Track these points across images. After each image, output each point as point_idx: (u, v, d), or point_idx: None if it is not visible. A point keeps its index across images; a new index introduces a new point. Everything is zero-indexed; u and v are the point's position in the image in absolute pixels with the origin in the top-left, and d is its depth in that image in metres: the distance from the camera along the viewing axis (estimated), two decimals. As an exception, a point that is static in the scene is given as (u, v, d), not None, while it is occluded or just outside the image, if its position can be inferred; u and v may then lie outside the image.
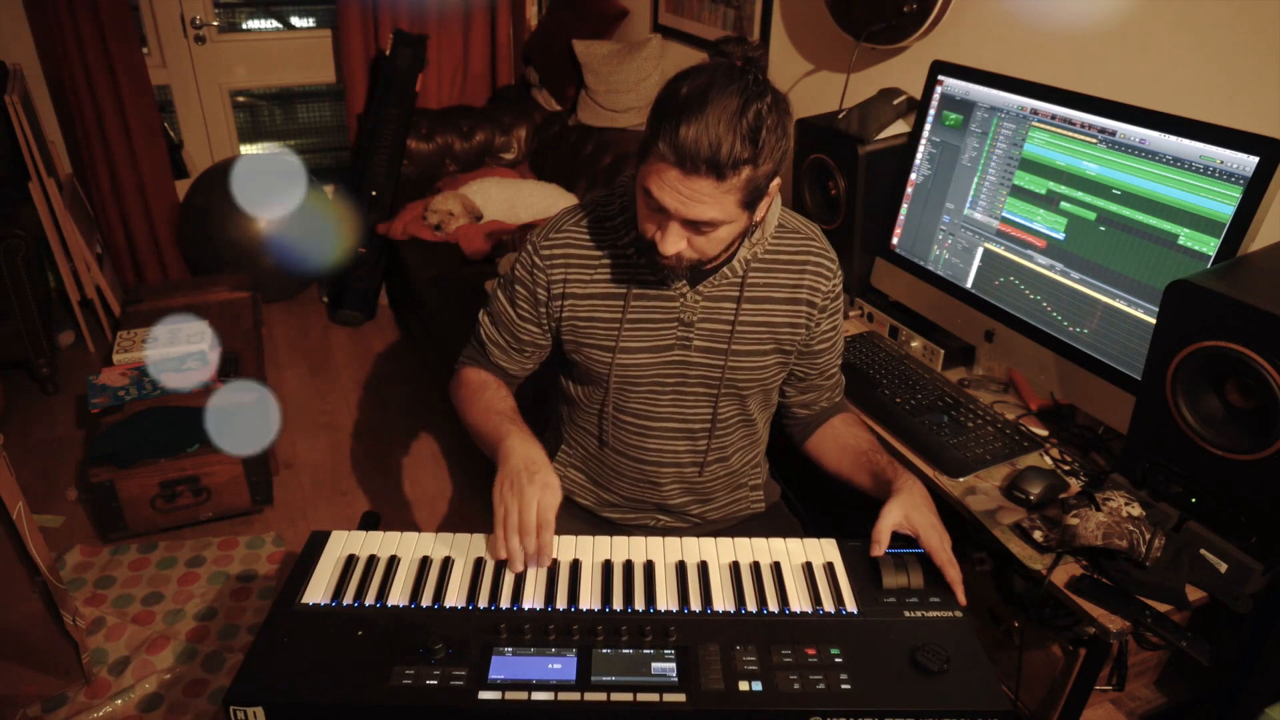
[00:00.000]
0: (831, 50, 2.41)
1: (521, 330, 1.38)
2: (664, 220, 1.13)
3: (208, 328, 2.90)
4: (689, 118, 1.04)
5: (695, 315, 1.30)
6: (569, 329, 1.34)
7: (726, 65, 1.08)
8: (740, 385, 1.35)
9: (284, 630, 1.03)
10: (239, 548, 2.42)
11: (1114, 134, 1.43)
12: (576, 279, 1.31)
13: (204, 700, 1.95)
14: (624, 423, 1.38)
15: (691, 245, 1.15)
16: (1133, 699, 1.57)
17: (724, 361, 1.31)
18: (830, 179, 1.95)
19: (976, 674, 0.99)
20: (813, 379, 1.44)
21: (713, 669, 0.98)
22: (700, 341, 1.31)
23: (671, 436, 1.39)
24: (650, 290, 1.29)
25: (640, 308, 1.30)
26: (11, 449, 2.37)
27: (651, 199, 1.11)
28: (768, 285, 1.31)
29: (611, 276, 1.30)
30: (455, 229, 3.11)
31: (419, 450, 2.89)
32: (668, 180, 1.08)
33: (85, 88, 3.30)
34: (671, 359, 1.32)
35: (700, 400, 1.36)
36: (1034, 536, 1.35)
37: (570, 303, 1.32)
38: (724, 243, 1.17)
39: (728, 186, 1.07)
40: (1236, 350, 1.14)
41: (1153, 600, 1.23)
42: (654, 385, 1.34)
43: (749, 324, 1.31)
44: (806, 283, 1.32)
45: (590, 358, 1.33)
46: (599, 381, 1.35)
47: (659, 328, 1.30)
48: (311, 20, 3.94)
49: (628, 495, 1.46)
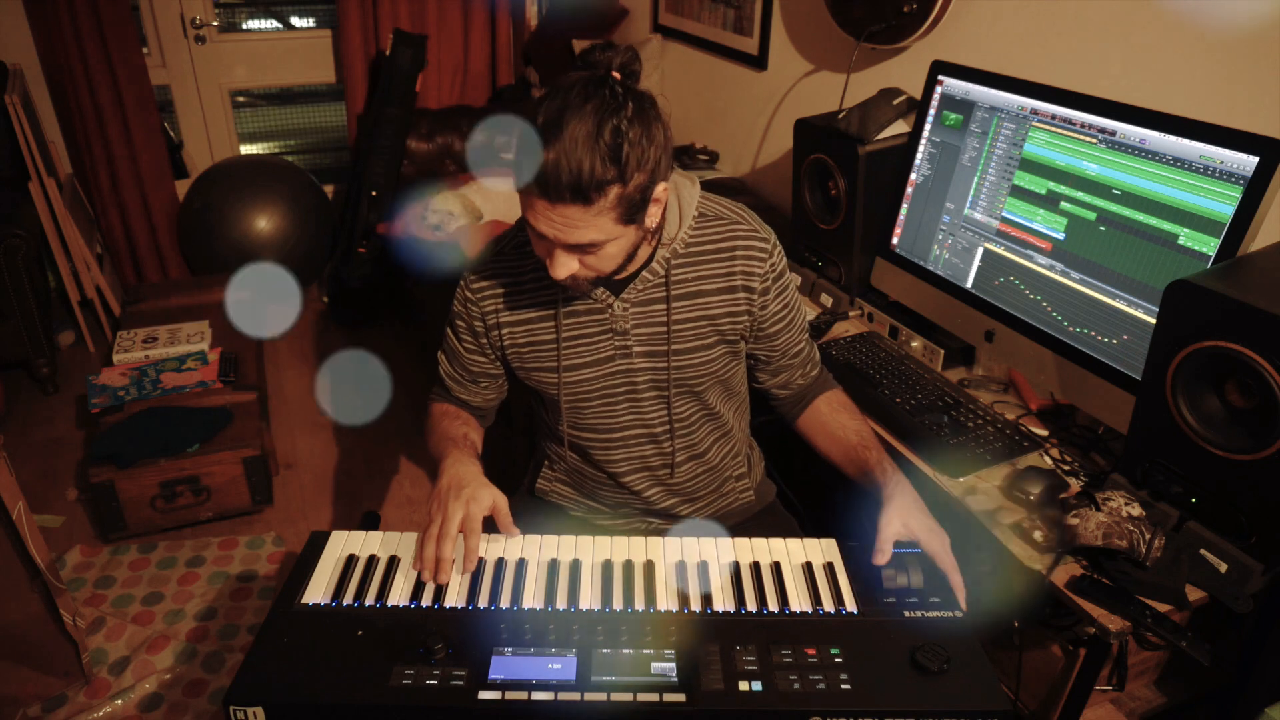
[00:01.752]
0: (831, 50, 2.41)
1: (470, 363, 1.40)
2: (549, 246, 1.12)
3: (207, 328, 2.91)
4: (547, 146, 1.02)
5: (628, 323, 1.29)
6: (513, 355, 1.35)
7: (584, 80, 1.05)
8: (691, 382, 1.33)
9: (284, 630, 1.03)
10: (239, 548, 2.42)
11: (1114, 134, 1.43)
12: (508, 306, 1.32)
13: (204, 700, 1.95)
14: (585, 438, 1.39)
15: (584, 264, 1.14)
16: (1133, 699, 1.57)
17: (667, 363, 1.31)
18: (830, 179, 1.95)
19: (976, 674, 0.99)
20: (778, 360, 1.41)
21: (713, 669, 0.98)
22: (640, 347, 1.30)
23: (636, 443, 1.39)
24: (579, 306, 1.29)
25: (574, 324, 1.30)
26: (11, 449, 2.36)
27: (531, 228, 1.11)
28: (697, 279, 1.28)
29: (540, 299, 1.30)
30: (455, 229, 3.11)
31: (419, 450, 2.89)
32: (539, 210, 1.07)
33: (85, 88, 3.30)
34: (615, 369, 1.32)
35: (655, 403, 1.35)
36: (1034, 536, 1.35)
37: (507, 330, 1.33)
38: (617, 259, 1.15)
39: (597, 209, 1.05)
40: (1237, 350, 1.14)
41: (1153, 600, 1.23)
42: (605, 397, 1.34)
43: (684, 320, 1.29)
44: (739, 268, 1.28)
45: (538, 380, 1.35)
46: (552, 401, 1.37)
47: (594, 341, 1.30)
48: (311, 20, 3.95)
49: (613, 504, 1.47)
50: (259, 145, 4.12)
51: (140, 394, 2.55)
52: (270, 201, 3.51)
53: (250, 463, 2.43)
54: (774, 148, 2.75)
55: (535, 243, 1.16)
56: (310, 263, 3.69)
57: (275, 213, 3.51)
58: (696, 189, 1.29)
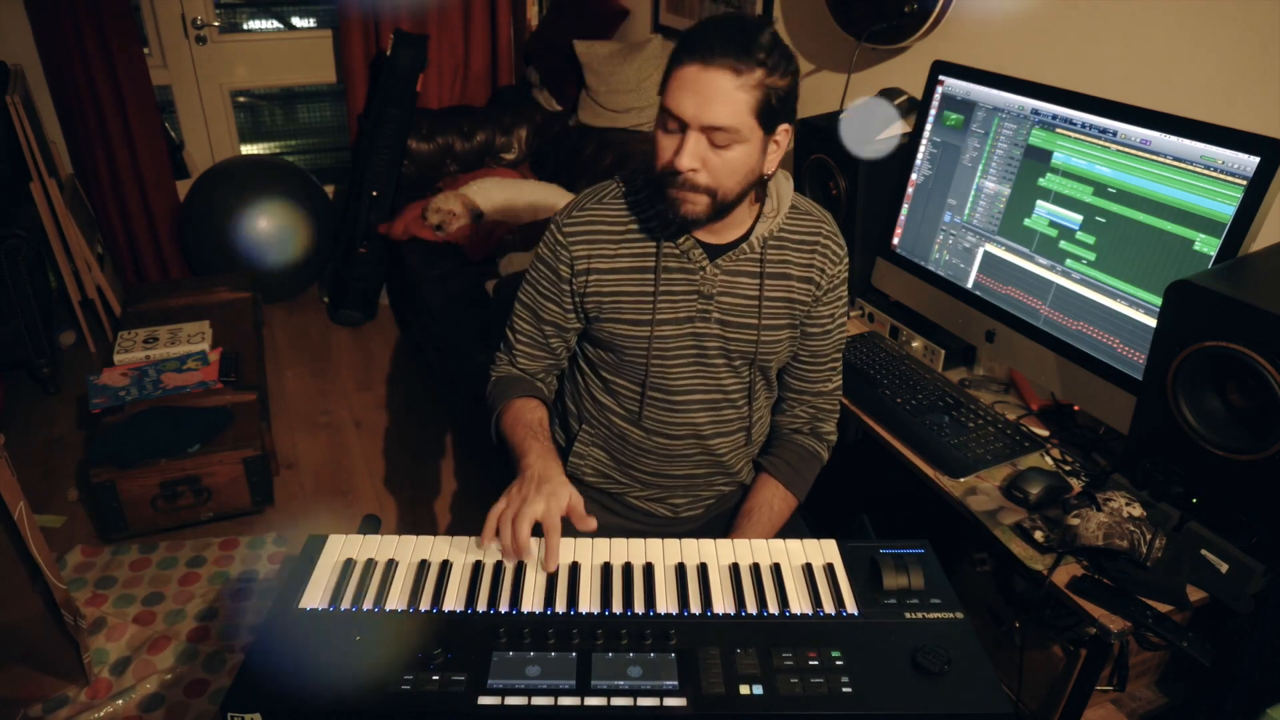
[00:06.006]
0: (832, 50, 2.40)
1: (544, 310, 1.42)
2: (681, 137, 1.19)
3: (208, 328, 2.91)
4: (707, 27, 1.16)
5: (715, 288, 1.34)
6: (594, 305, 1.37)
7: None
8: (765, 357, 1.39)
9: (281, 635, 1.03)
10: (240, 548, 2.42)
11: (1115, 134, 1.43)
12: (601, 254, 1.35)
13: (204, 700, 1.95)
14: (653, 397, 1.42)
15: (707, 167, 1.19)
16: (1134, 699, 1.57)
17: (756, 335, 1.36)
18: (831, 179, 1.95)
19: (977, 675, 0.99)
20: (803, 370, 1.46)
21: (713, 672, 0.97)
22: (718, 314, 1.35)
23: (696, 409, 1.42)
24: (673, 263, 1.33)
25: (666, 280, 1.34)
26: (12, 449, 2.37)
27: (670, 115, 1.18)
28: (784, 263, 1.36)
29: (638, 250, 1.34)
30: (456, 229, 3.11)
31: (419, 450, 2.89)
32: (686, 80, 1.16)
33: (86, 88, 3.30)
34: (693, 331, 1.36)
35: (724, 371, 1.40)
36: (1035, 537, 1.35)
37: (595, 278, 1.35)
38: (737, 171, 1.21)
39: (742, 82, 1.14)
40: (1237, 350, 1.14)
41: (1153, 600, 1.23)
42: (679, 357, 1.38)
43: (773, 299, 1.36)
44: (816, 263, 1.38)
45: (621, 333, 1.37)
46: (634, 355, 1.38)
47: (677, 299, 1.34)
48: (312, 20, 3.94)
49: (650, 471, 1.48)
50: (259, 145, 4.12)
51: (141, 394, 2.55)
52: (270, 201, 3.51)
53: (251, 463, 2.43)
54: (774, 147, 2.75)
55: (665, 142, 1.21)
56: (310, 263, 3.69)
57: (275, 213, 3.51)
58: (791, 184, 1.38)
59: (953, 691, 0.97)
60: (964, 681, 0.98)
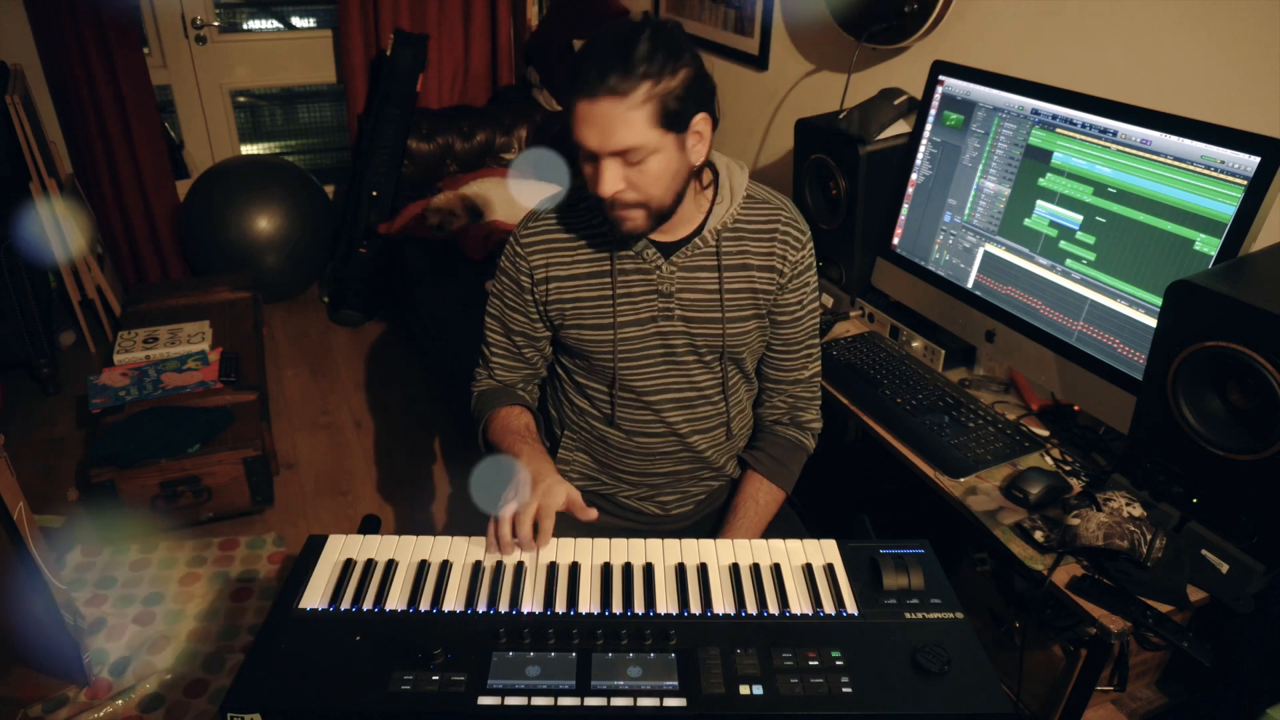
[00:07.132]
0: (832, 50, 2.40)
1: (512, 322, 1.43)
2: (598, 165, 1.20)
3: (208, 328, 2.91)
4: (586, 57, 1.15)
5: (674, 286, 1.35)
6: (556, 312, 1.39)
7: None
8: (734, 350, 1.39)
9: (281, 635, 1.03)
10: (240, 548, 2.42)
11: (1115, 134, 1.43)
12: (558, 262, 1.37)
13: (204, 701, 1.95)
14: (625, 398, 1.42)
15: (630, 184, 1.21)
16: (1134, 699, 1.57)
17: (721, 329, 1.36)
18: (831, 179, 1.95)
19: (978, 675, 0.99)
20: (777, 359, 1.46)
21: (713, 673, 0.97)
22: (680, 311, 1.35)
23: (669, 407, 1.42)
24: (628, 265, 1.35)
25: (624, 282, 1.35)
26: (12, 449, 2.37)
27: (582, 149, 1.20)
28: (742, 253, 1.36)
29: (593, 256, 1.36)
30: (456, 229, 3.11)
31: (419, 450, 2.89)
32: (581, 116, 1.16)
33: (86, 88, 3.30)
34: (656, 330, 1.37)
35: (696, 367, 1.40)
36: (1035, 537, 1.34)
37: (555, 285, 1.37)
38: (662, 179, 1.21)
39: (630, 103, 1.13)
40: (1238, 350, 1.14)
41: (1154, 601, 1.23)
42: (647, 357, 1.39)
43: (734, 290, 1.36)
44: (777, 251, 1.37)
45: (586, 338, 1.38)
46: (601, 359, 1.39)
47: (637, 300, 1.35)
48: (312, 20, 3.94)
49: (634, 471, 1.48)
50: (259, 145, 4.11)
51: (141, 394, 2.55)
52: (270, 201, 3.51)
53: (251, 463, 2.43)
54: (775, 148, 2.75)
55: (586, 172, 1.23)
56: (310, 263, 3.69)
57: (275, 213, 3.51)
58: (745, 173, 1.37)
59: (953, 692, 0.97)
60: (964, 682, 0.98)
